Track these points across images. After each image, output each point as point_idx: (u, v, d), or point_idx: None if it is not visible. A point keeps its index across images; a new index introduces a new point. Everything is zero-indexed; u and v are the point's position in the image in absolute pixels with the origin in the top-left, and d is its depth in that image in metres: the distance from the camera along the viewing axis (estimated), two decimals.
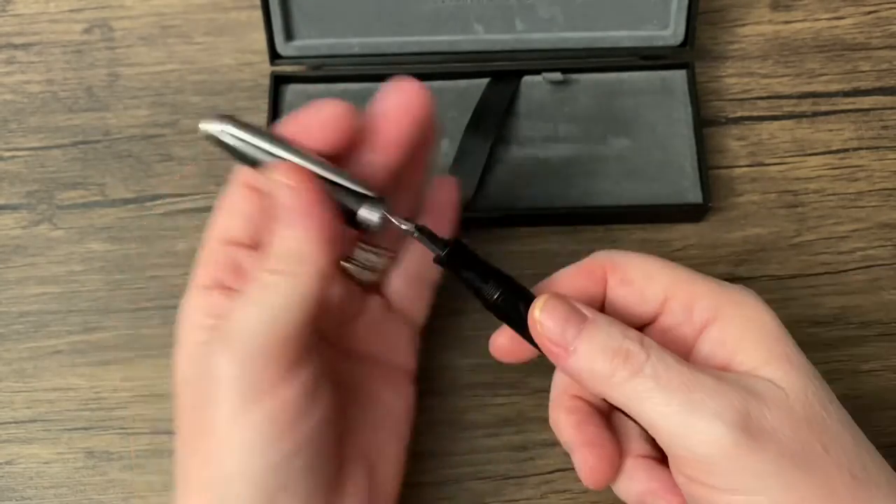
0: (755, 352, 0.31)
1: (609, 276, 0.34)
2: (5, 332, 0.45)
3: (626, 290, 0.34)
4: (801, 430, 0.29)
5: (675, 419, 0.29)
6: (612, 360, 0.30)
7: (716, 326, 0.32)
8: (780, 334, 0.31)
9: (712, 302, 0.33)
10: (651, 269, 0.34)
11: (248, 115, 0.50)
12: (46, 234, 0.47)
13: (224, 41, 0.52)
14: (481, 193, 0.46)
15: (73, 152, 0.49)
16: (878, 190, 0.47)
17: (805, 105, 0.49)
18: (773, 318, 0.32)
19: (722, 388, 0.29)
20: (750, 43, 0.51)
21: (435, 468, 0.42)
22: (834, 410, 0.30)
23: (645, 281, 0.34)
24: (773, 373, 0.30)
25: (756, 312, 0.32)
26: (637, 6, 0.47)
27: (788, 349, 0.31)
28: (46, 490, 0.42)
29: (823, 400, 0.30)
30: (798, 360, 0.31)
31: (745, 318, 0.32)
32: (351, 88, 0.49)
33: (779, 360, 0.31)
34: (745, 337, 0.32)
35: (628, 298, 0.34)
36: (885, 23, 0.52)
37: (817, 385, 0.31)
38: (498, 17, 0.48)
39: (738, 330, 0.32)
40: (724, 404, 0.29)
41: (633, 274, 0.34)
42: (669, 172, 0.47)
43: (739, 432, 0.28)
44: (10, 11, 0.53)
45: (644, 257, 0.35)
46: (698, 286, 0.33)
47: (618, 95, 0.49)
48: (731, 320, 0.32)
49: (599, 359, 0.30)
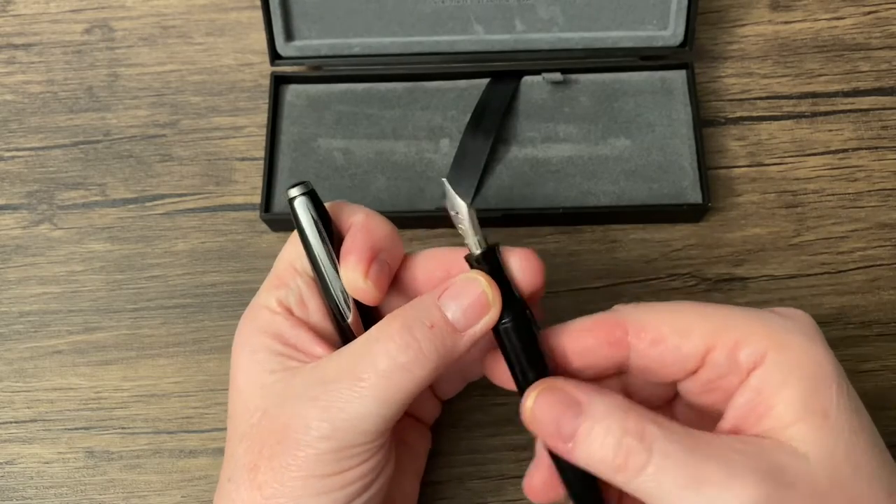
0: (791, 405, 0.28)
1: (634, 338, 0.31)
2: (6, 331, 0.45)
3: (658, 350, 0.31)
4: (822, 498, 0.27)
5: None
6: (612, 458, 0.28)
7: (757, 373, 0.29)
8: (824, 382, 0.29)
9: (759, 346, 0.29)
10: (685, 323, 0.30)
11: (248, 114, 0.50)
12: (47, 234, 0.47)
13: (224, 41, 0.52)
14: (481, 193, 0.46)
15: (74, 152, 0.49)
16: (877, 190, 0.47)
17: (804, 105, 0.50)
18: (823, 359, 0.29)
19: (735, 475, 0.27)
20: (749, 43, 0.51)
21: (436, 468, 0.42)
22: (865, 463, 0.28)
23: (680, 338, 0.30)
24: (803, 432, 0.28)
25: (804, 356, 0.29)
26: (637, 6, 0.48)
27: (827, 401, 0.28)
28: (47, 490, 0.42)
29: (853, 456, 0.28)
30: (835, 413, 0.28)
31: (789, 364, 0.29)
32: (351, 89, 0.50)
33: (813, 416, 0.28)
34: (786, 385, 0.29)
35: (663, 358, 0.31)
36: (885, 23, 0.52)
37: (847, 440, 0.28)
38: (498, 18, 0.48)
39: (779, 377, 0.29)
40: (738, 496, 0.26)
41: (665, 331, 0.30)
42: (669, 172, 0.47)
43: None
44: (11, 12, 0.53)
45: (675, 308, 0.31)
46: (738, 332, 0.30)
47: (618, 95, 0.49)
48: (774, 366, 0.29)
49: (598, 455, 0.28)
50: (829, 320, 0.44)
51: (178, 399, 0.44)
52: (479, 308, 0.30)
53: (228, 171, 0.49)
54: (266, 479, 0.30)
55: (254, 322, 0.33)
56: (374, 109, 0.49)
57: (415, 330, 0.30)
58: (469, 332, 0.30)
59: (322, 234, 0.33)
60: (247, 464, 0.31)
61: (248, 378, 0.32)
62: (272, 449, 0.30)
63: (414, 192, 0.47)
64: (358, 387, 0.29)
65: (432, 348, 0.30)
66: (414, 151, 0.48)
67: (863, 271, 0.45)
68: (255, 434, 0.31)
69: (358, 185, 0.47)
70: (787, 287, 0.45)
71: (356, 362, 0.30)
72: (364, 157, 0.48)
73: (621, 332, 0.31)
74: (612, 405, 0.29)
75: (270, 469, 0.30)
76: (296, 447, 0.30)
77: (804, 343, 0.29)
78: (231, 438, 0.33)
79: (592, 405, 0.29)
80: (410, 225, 0.47)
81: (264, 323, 0.33)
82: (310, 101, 0.49)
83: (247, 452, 0.31)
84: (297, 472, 0.30)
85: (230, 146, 0.49)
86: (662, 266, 0.46)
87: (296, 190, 0.33)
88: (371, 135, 0.48)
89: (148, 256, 0.47)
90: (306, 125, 0.49)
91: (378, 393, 0.29)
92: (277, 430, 0.30)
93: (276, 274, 0.34)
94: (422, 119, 0.49)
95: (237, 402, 0.32)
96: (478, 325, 0.30)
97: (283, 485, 0.30)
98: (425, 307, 0.30)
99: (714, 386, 0.31)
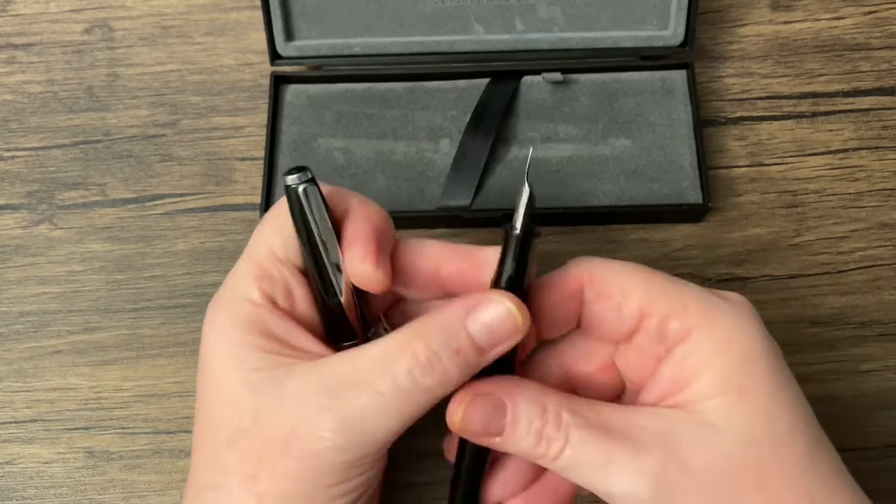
0: (711, 381, 0.29)
1: (586, 288, 0.32)
2: (6, 331, 0.45)
3: (603, 304, 0.32)
4: (731, 471, 0.28)
5: (600, 488, 0.30)
6: (535, 448, 0.30)
7: (681, 348, 0.30)
8: (749, 360, 0.30)
9: (686, 321, 0.30)
10: (629, 284, 0.31)
11: (248, 115, 0.50)
12: (47, 234, 0.47)
13: (224, 41, 0.52)
14: (481, 193, 0.46)
15: (74, 152, 0.49)
16: (877, 190, 0.47)
17: (805, 105, 0.49)
18: (752, 340, 0.30)
19: (640, 449, 0.29)
20: (750, 43, 0.51)
21: (435, 468, 0.42)
22: (788, 440, 0.29)
23: (622, 297, 0.31)
24: (717, 407, 0.29)
25: (732, 335, 0.30)
26: (637, 6, 0.48)
27: (749, 379, 0.29)
28: (47, 490, 0.42)
29: (772, 432, 0.29)
30: (756, 391, 0.29)
31: (715, 341, 0.30)
32: (351, 89, 0.50)
33: (731, 393, 0.29)
34: (709, 362, 0.30)
35: (605, 314, 0.32)
36: (885, 23, 0.52)
37: (768, 415, 0.29)
38: (498, 18, 0.48)
39: (703, 354, 0.30)
40: (640, 470, 0.28)
41: (611, 288, 0.32)
42: (669, 172, 0.47)
43: (659, 492, 0.28)
44: (11, 11, 0.53)
45: (624, 268, 0.32)
46: (673, 304, 0.31)
47: (618, 96, 0.49)
48: (699, 343, 0.30)
49: (522, 446, 0.30)
50: (829, 320, 0.44)
51: (178, 399, 0.44)
52: (507, 331, 0.30)
53: (228, 171, 0.49)
54: (267, 490, 0.29)
55: (232, 315, 0.31)
56: (374, 109, 0.49)
57: (441, 355, 0.29)
58: (493, 352, 0.30)
59: (329, 227, 0.31)
60: (241, 472, 0.30)
61: (230, 377, 0.30)
62: (274, 458, 0.29)
63: (414, 192, 0.47)
64: (380, 401, 0.29)
65: (457, 371, 0.30)
66: (414, 151, 0.48)
67: (863, 271, 0.45)
68: (248, 440, 0.30)
69: (358, 185, 0.47)
70: (788, 287, 0.45)
71: (374, 373, 0.29)
72: (364, 157, 0.48)
73: (576, 285, 0.32)
74: (531, 399, 0.30)
75: (272, 479, 0.29)
76: (307, 457, 0.29)
77: (734, 323, 0.30)
78: (210, 442, 0.31)
79: (515, 404, 0.30)
80: (410, 225, 0.47)
81: (246, 316, 0.31)
82: (310, 101, 0.49)
83: (241, 460, 0.30)
84: (304, 484, 0.29)
85: (230, 146, 0.49)
86: (662, 266, 0.45)
87: (295, 178, 0.31)
88: (371, 135, 0.48)
89: (148, 256, 0.47)
90: (306, 125, 0.49)
91: (402, 407, 0.29)
92: (280, 437, 0.29)
93: (255, 263, 0.32)
94: (422, 119, 0.49)
95: (217, 402, 0.31)
96: (503, 346, 0.30)
97: (288, 494, 0.29)
98: (452, 329, 0.30)
99: (647, 356, 0.32)
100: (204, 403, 0.32)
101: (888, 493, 0.41)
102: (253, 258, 0.32)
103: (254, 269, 0.32)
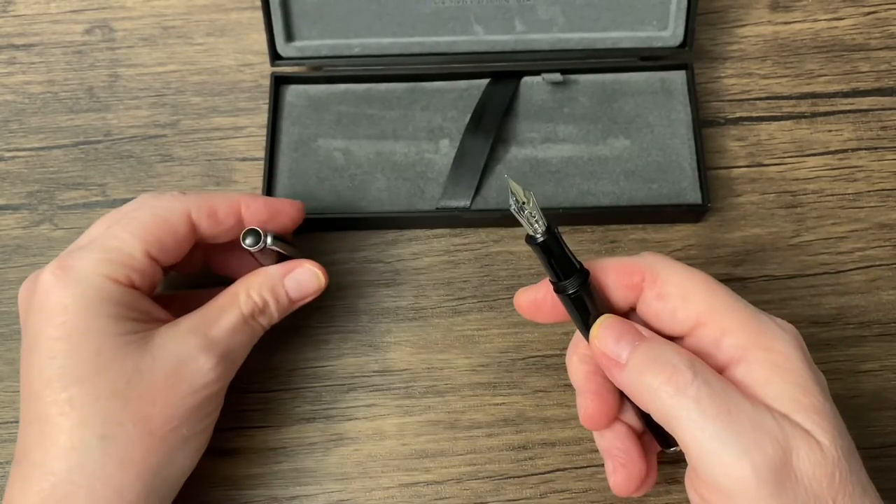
0: (781, 399, 0.30)
1: (647, 286, 0.34)
2: (6, 331, 0.45)
3: (660, 305, 0.34)
4: (825, 486, 0.29)
5: (706, 445, 0.29)
6: (658, 374, 0.31)
7: (741, 367, 0.32)
8: (808, 383, 0.31)
9: (741, 341, 0.32)
10: (690, 291, 0.33)
11: (248, 115, 0.50)
12: (47, 234, 0.47)
13: (224, 42, 0.52)
14: (481, 193, 0.46)
15: (74, 153, 0.50)
16: (876, 190, 0.47)
17: (804, 106, 0.50)
18: (804, 364, 0.31)
19: (763, 426, 0.29)
20: (749, 44, 0.52)
21: (435, 468, 0.42)
22: (853, 462, 0.30)
23: (680, 301, 0.33)
24: (806, 423, 0.30)
25: (784, 359, 0.31)
26: (637, 7, 0.48)
27: (816, 400, 0.30)
28: None
29: (848, 454, 0.30)
30: (827, 411, 0.30)
31: (772, 363, 0.31)
32: (351, 89, 0.50)
33: (807, 411, 0.30)
34: (771, 382, 0.31)
35: (660, 314, 0.34)
36: (884, 23, 0.52)
37: (845, 438, 0.30)
38: (498, 18, 0.48)
39: (763, 375, 0.31)
40: (759, 443, 0.29)
41: (671, 290, 0.33)
42: (669, 173, 0.47)
43: (768, 474, 0.28)
44: (11, 12, 0.54)
45: (687, 274, 0.34)
46: (731, 320, 0.32)
47: (617, 96, 0.49)
48: (757, 364, 0.31)
49: (648, 372, 0.31)
50: (829, 320, 0.44)
51: None
52: (312, 287, 0.40)
53: (229, 171, 0.49)
54: (160, 425, 0.35)
55: (85, 287, 0.34)
56: (375, 110, 0.49)
57: (268, 300, 0.39)
58: (301, 301, 0.40)
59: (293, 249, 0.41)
60: (134, 416, 0.34)
61: (93, 342, 0.34)
62: (164, 398, 0.35)
63: (414, 192, 0.47)
64: (238, 325, 0.38)
65: (277, 312, 0.39)
66: (414, 152, 0.48)
67: (862, 271, 0.45)
68: (134, 389, 0.34)
69: (358, 186, 0.47)
70: (787, 287, 0.45)
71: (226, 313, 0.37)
72: (364, 157, 0.48)
73: (639, 278, 0.34)
74: (667, 341, 0.33)
75: (165, 417, 0.35)
76: (194, 391, 0.35)
77: (788, 349, 0.32)
78: (82, 400, 0.34)
79: (653, 336, 0.33)
80: (410, 225, 0.47)
81: (107, 292, 0.35)
82: (310, 102, 0.49)
83: (131, 407, 0.34)
84: (192, 415, 0.36)
85: (230, 146, 0.49)
86: None
87: (251, 241, 0.38)
88: (371, 135, 0.48)
89: None
90: (306, 125, 0.49)
91: (248, 331, 0.39)
92: (164, 381, 0.35)
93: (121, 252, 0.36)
94: (422, 119, 0.49)
95: (89, 364, 0.34)
96: (308, 297, 0.40)
97: (179, 427, 0.35)
98: (275, 283, 0.39)
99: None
100: (65, 366, 0.34)
101: (888, 494, 0.41)
102: (117, 250, 0.36)
103: (115, 256, 0.36)
